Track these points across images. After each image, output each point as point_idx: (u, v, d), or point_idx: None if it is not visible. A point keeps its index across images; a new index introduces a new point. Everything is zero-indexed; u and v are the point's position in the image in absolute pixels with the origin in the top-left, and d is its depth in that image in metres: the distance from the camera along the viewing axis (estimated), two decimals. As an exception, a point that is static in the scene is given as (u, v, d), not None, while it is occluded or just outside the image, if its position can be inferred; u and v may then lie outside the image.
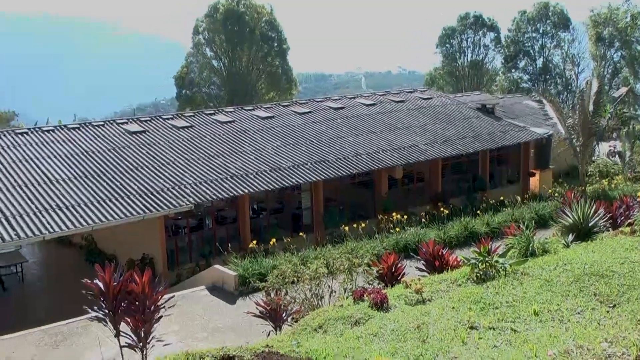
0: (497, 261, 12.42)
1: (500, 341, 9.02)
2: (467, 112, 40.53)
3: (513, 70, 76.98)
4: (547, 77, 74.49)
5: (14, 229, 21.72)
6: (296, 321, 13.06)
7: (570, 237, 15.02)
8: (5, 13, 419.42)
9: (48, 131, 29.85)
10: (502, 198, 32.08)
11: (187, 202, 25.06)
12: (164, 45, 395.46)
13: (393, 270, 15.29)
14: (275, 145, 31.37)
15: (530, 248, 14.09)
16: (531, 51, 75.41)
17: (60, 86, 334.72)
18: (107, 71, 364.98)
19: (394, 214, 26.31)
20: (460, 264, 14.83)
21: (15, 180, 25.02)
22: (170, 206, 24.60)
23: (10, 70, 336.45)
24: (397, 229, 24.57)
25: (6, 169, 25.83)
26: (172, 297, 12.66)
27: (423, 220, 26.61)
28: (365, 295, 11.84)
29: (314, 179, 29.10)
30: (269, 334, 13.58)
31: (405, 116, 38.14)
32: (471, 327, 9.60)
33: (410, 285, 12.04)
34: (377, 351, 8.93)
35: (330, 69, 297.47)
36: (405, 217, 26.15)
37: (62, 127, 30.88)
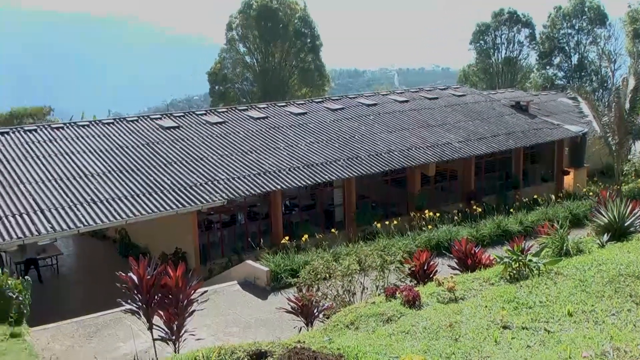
0: (530, 260, 12.30)
1: (534, 341, 8.94)
2: (500, 109, 40.25)
3: (548, 67, 76.02)
4: (583, 74, 73.46)
5: (49, 222, 22.06)
6: (328, 317, 13.07)
7: (606, 237, 14.82)
8: (42, 11, 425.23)
9: (83, 126, 30.20)
10: (535, 196, 31.87)
11: (220, 198, 25.20)
12: (196, 43, 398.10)
13: (425, 268, 15.23)
14: (308, 141, 31.42)
15: (565, 247, 13.94)
16: (566, 47, 74.44)
17: (92, 83, 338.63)
18: (137, 68, 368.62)
19: (426, 211, 26.22)
20: (493, 262, 14.73)
21: (51, 174, 25.37)
22: (204, 201, 24.76)
23: (45, 68, 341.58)
24: (430, 227, 24.48)
25: (42, 162, 26.19)
26: (206, 291, 12.75)
27: (455, 218, 26.47)
28: (397, 293, 11.79)
29: (347, 176, 29.10)
30: (300, 330, 13.61)
31: (438, 113, 37.96)
32: (504, 327, 9.53)
33: (443, 283, 11.98)
34: (409, 349, 8.90)
35: (363, 65, 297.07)
36: (438, 214, 26.03)
37: (97, 122, 31.23)
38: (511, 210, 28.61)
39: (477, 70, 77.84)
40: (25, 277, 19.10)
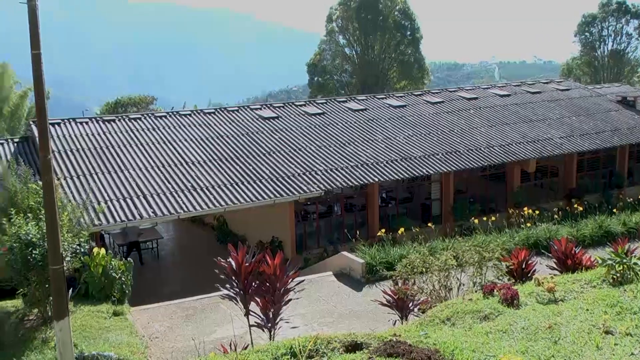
0: (635, 263, 11.86)
1: (639, 349, 8.63)
2: (606, 104, 39.00)
3: (658, 61, 73.17)
4: (696, 68, 70.43)
5: (151, 207, 22.77)
6: (423, 312, 12.99)
7: None
8: (149, 4, 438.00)
9: (185, 115, 30.95)
10: (640, 197, 30.73)
11: (318, 188, 25.39)
12: (296, 35, 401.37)
13: (523, 266, 14.93)
14: (406, 134, 31.26)
15: (673, 251, 13.41)
16: (679, 40, 71.40)
17: (194, 73, 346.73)
18: (237, 59, 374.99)
19: (525, 208, 25.70)
20: (594, 264, 14.29)
21: (154, 161, 26.12)
22: (301, 191, 24.99)
23: (151, 58, 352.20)
24: (528, 224, 23.97)
25: (146, 150, 26.98)
26: (302, 281, 12.86)
27: (555, 216, 25.83)
28: (495, 290, 11.60)
29: (445, 170, 28.84)
30: (395, 323, 13.59)
31: (540, 108, 37.12)
32: (606, 332, 9.21)
33: (542, 283, 11.70)
34: (506, 349, 8.74)
35: (463, 58, 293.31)
36: (537, 212, 25.44)
37: (199, 111, 31.95)
38: (614, 210, 27.65)
39: (581, 64, 75.49)
40: (128, 258, 19.75)
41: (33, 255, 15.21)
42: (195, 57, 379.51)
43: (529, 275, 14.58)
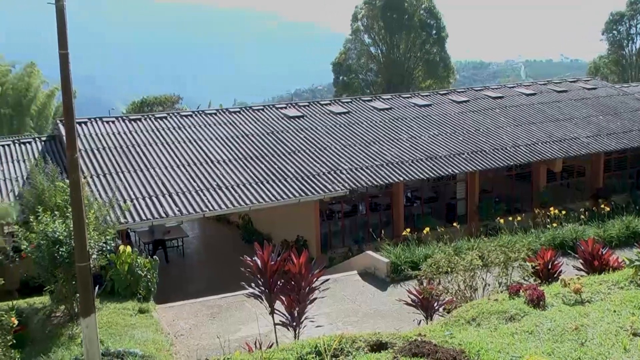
0: (664, 264, 11.74)
1: (667, 351, 8.53)
2: (633, 103, 38.56)
3: (687, 59, 72.04)
4: None
5: (177, 205, 22.90)
6: (448, 312, 12.95)
7: None
8: (171, 4, 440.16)
9: (210, 114, 31.07)
10: (669, 197, 30.36)
11: (343, 188, 25.38)
12: (320, 33, 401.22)
13: (549, 267, 14.84)
14: (431, 133, 31.16)
15: (702, 252, 13.23)
16: None
17: (218, 72, 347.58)
18: (262, 58, 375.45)
19: (551, 208, 25.51)
20: (621, 265, 14.15)
21: (179, 160, 26.27)
22: (326, 190, 25.00)
23: (174, 57, 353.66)
24: (554, 225, 23.78)
25: (171, 148, 27.14)
26: (327, 279, 12.86)
27: (582, 216, 25.60)
28: (521, 291, 11.53)
29: (470, 169, 28.70)
30: (419, 323, 13.56)
31: (567, 107, 36.81)
32: (634, 334, 9.11)
33: (569, 284, 11.60)
34: (532, 350, 8.68)
35: (489, 57, 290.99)
36: (563, 212, 25.23)
37: (224, 110, 32.06)
38: (642, 210, 27.37)
39: (608, 62, 74.65)
40: (154, 256, 19.88)
41: (60, 252, 15.39)
42: (218, 56, 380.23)
43: (555, 276, 14.49)
